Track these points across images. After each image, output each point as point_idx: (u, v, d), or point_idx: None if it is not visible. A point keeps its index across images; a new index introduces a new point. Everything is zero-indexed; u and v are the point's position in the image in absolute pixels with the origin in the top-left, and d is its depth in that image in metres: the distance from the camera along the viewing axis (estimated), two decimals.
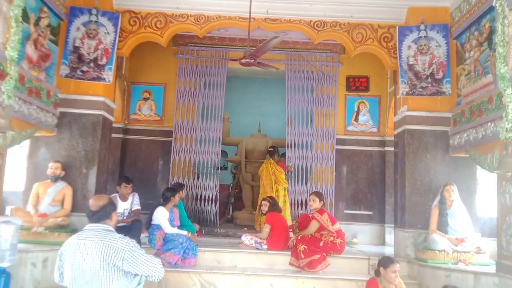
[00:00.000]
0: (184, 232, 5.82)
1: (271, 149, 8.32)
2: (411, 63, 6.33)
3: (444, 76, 6.24)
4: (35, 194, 5.85)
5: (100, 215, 2.82)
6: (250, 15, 5.36)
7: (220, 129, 8.44)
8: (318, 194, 6.18)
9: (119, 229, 3.19)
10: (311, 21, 6.67)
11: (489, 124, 5.19)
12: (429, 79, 6.27)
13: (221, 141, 8.46)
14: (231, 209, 9.62)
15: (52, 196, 5.80)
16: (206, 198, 8.20)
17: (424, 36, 6.34)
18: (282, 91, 8.85)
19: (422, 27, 6.36)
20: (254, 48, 5.39)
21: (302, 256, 5.65)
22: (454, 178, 6.06)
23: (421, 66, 6.30)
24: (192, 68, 8.44)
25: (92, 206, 2.83)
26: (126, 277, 2.79)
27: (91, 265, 2.66)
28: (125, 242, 2.73)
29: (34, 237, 5.43)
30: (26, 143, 6.13)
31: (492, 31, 5.36)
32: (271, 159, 8.10)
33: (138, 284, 4.61)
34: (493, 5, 5.16)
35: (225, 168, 10.62)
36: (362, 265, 5.97)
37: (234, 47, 8.33)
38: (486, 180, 7.06)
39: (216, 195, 8.22)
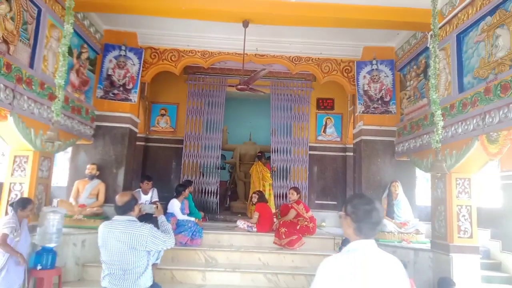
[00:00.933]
0: (192, 219, 5.83)
1: (259, 153, 8.37)
2: (366, 89, 6.43)
3: (390, 99, 6.35)
4: (76, 189, 5.82)
5: (124, 209, 2.80)
6: (244, 52, 5.42)
7: (220, 138, 8.44)
8: (296, 189, 6.24)
9: (141, 217, 3.18)
10: (290, 56, 6.74)
11: (424, 136, 5.29)
12: (379, 101, 6.37)
13: (220, 147, 8.46)
14: (228, 200, 9.62)
15: (89, 191, 5.78)
16: (209, 192, 8.18)
17: (376, 69, 6.46)
18: (268, 109, 8.88)
19: (374, 62, 6.48)
20: (247, 77, 5.44)
21: (283, 236, 5.69)
22: (398, 176, 6.15)
23: (373, 92, 6.41)
24: (199, 91, 8.44)
25: (118, 201, 2.81)
26: (147, 255, 2.81)
27: (120, 249, 2.67)
28: (146, 229, 2.75)
29: (75, 222, 5.41)
30: (69, 150, 6.12)
31: (426, 65, 5.48)
32: (259, 161, 8.14)
33: (157, 259, 4.65)
34: (428, 46, 5.33)
35: (224, 168, 10.60)
36: (329, 243, 6.01)
37: (231, 75, 8.35)
38: (422, 178, 7.20)
39: (217, 189, 8.21)
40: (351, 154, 7.85)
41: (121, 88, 6.18)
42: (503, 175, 6.28)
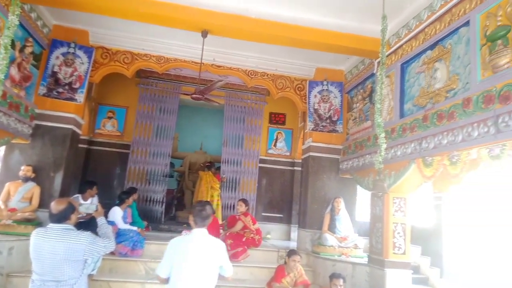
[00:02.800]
0: (135, 228, 5.58)
1: (209, 163, 8.27)
2: (316, 107, 6.67)
3: (338, 119, 6.64)
4: (6, 191, 5.30)
5: (60, 217, 2.61)
6: (201, 61, 5.35)
7: (170, 145, 8.21)
8: (245, 201, 6.23)
9: (79, 224, 2.96)
10: (246, 70, 6.81)
11: (367, 156, 5.58)
12: (328, 120, 6.64)
13: (170, 155, 8.23)
14: (174, 209, 9.36)
15: (22, 194, 5.28)
16: (155, 200, 7.88)
17: (326, 89, 6.73)
18: (220, 119, 8.87)
19: (325, 82, 6.75)
20: (203, 86, 5.39)
21: (229, 248, 5.62)
22: (341, 193, 6.40)
23: (323, 111, 6.66)
24: (151, 96, 8.17)
25: (53, 209, 2.62)
26: (83, 264, 2.64)
27: (54, 260, 2.48)
28: (84, 237, 2.59)
29: (3, 228, 4.91)
30: (2, 148, 5.58)
31: (372, 90, 5.83)
32: (209, 171, 8.04)
33: (93, 270, 4.36)
34: (374, 72, 5.69)
35: (172, 176, 10.33)
36: (273, 256, 6.05)
37: (186, 83, 8.22)
38: (362, 195, 7.56)
39: (163, 198, 7.95)
40: (299, 168, 8.04)
41: (66, 87, 5.80)
42: (434, 196, 6.79)
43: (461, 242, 5.93)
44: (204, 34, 5.19)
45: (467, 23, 3.81)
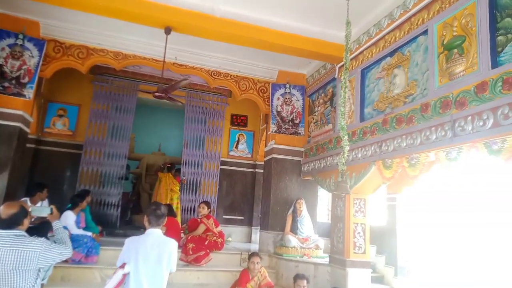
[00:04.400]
0: (89, 233, 5.22)
1: (169, 165, 8.01)
2: (279, 110, 6.70)
3: (300, 122, 6.72)
4: None
5: (10, 222, 2.36)
6: (164, 59, 5.15)
7: (127, 146, 7.81)
8: (207, 203, 6.08)
9: (30, 230, 2.69)
10: (209, 70, 6.69)
11: (328, 158, 5.69)
12: (290, 123, 6.69)
13: (126, 156, 7.84)
14: (130, 213, 8.93)
15: None
16: (110, 204, 7.44)
17: (289, 92, 6.79)
18: (179, 120, 8.64)
19: (287, 85, 6.81)
20: (166, 85, 5.19)
21: (191, 252, 5.47)
22: (303, 194, 6.47)
23: (285, 113, 6.70)
24: (106, 94, 7.72)
25: (3, 214, 2.36)
26: (37, 274, 2.39)
27: (3, 270, 2.22)
28: (38, 244, 2.36)
29: None
30: None
31: (333, 95, 5.97)
32: (169, 173, 7.78)
33: (43, 279, 3.99)
34: (335, 77, 5.83)
35: (127, 179, 9.88)
36: (236, 258, 5.98)
37: (145, 81, 7.87)
38: (323, 196, 7.70)
39: (118, 201, 7.53)
40: (261, 170, 8.04)
41: (13, 81, 5.32)
42: (388, 197, 7.07)
43: (414, 241, 6.22)
44: (168, 31, 5.01)
45: (425, 32, 4.01)
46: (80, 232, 5.12)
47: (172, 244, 2.83)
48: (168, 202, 7.04)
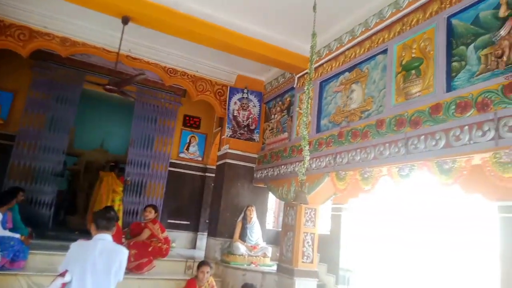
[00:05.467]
0: (17, 235, 4.65)
1: (113, 163, 7.49)
2: (235, 114, 6.59)
3: (255, 128, 6.67)
4: None
5: None
6: (119, 50, 4.80)
7: (66, 140, 7.17)
8: (154, 207, 5.75)
9: None
10: (165, 66, 6.38)
11: (282, 166, 5.68)
12: (246, 128, 6.61)
13: (65, 151, 7.18)
14: (64, 213, 8.22)
15: None
16: (42, 202, 6.74)
17: (246, 97, 6.72)
18: (127, 116, 8.17)
19: (245, 90, 6.74)
20: (119, 78, 4.83)
21: (132, 259, 5.09)
22: (254, 201, 6.41)
23: (241, 118, 6.61)
24: (47, 82, 7.01)
25: None
26: None
27: None
28: None
29: None
30: None
31: (290, 104, 6.00)
32: (112, 172, 7.27)
33: None
34: (294, 86, 5.87)
35: (62, 176, 9.10)
36: (180, 266, 5.74)
37: (92, 72, 7.27)
38: (272, 204, 7.70)
39: (52, 200, 6.84)
40: (211, 175, 7.84)
41: None
42: (333, 207, 7.27)
43: (356, 251, 6.42)
44: (125, 20, 4.67)
45: (385, 51, 4.17)
46: (7, 233, 4.54)
47: (123, 253, 2.67)
48: (109, 204, 6.55)
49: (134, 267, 5.06)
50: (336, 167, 4.47)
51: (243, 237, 6.00)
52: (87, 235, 6.31)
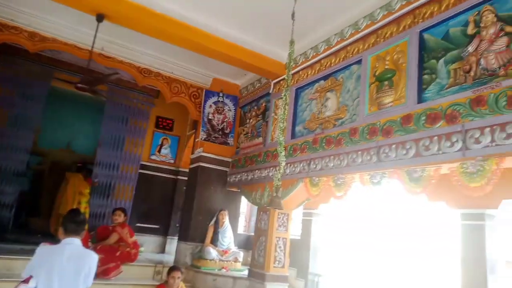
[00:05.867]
0: None
1: (80, 164, 7.21)
2: (210, 118, 6.53)
3: (230, 132, 6.64)
4: None
5: None
6: (92, 48, 4.62)
7: (31, 139, 6.81)
8: (124, 210, 5.59)
9: None
10: (139, 67, 6.22)
11: (256, 171, 5.68)
12: (220, 132, 6.56)
13: (30, 150, 6.82)
14: (25, 215, 7.79)
15: None
16: (2, 204, 6.31)
17: (221, 101, 6.68)
18: (96, 115, 7.89)
19: (221, 94, 6.69)
20: (91, 77, 4.65)
21: (99, 264, 4.86)
22: (227, 205, 6.36)
23: (216, 122, 6.56)
24: (12, 77, 6.63)
25: None
26: None
27: None
28: None
29: None
30: None
31: (266, 109, 6.02)
32: (79, 174, 6.98)
33: None
34: (270, 92, 5.90)
35: (25, 176, 8.63)
36: (149, 271, 5.58)
37: (61, 69, 6.96)
38: (244, 208, 7.67)
39: (13, 201, 6.46)
40: (183, 178, 7.71)
41: None
42: (304, 212, 7.35)
43: (326, 256, 6.51)
44: (100, 18, 4.52)
45: (359, 62, 4.28)
46: None
47: (92, 258, 2.54)
48: (75, 206, 6.30)
49: (100, 272, 4.85)
50: (310, 173, 4.52)
51: (214, 241, 5.93)
52: (50, 238, 6.09)
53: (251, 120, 6.37)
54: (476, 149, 2.78)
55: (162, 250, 7.72)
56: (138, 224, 7.58)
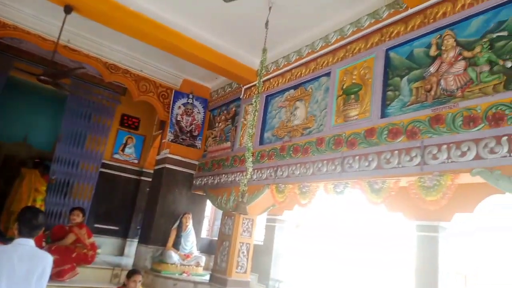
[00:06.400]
0: None
1: (38, 160, 6.83)
2: (178, 119, 6.44)
3: (198, 134, 6.58)
4: None
5: None
6: (58, 39, 4.43)
7: None
8: (82, 210, 5.35)
9: None
10: (107, 62, 6.04)
11: (223, 175, 5.66)
12: (188, 134, 6.49)
13: None
14: None
15: None
16: None
17: (191, 103, 6.61)
18: (56, 109, 7.53)
19: (190, 96, 6.63)
20: (55, 69, 4.44)
21: (53, 265, 4.64)
22: (191, 209, 6.28)
23: (185, 123, 6.48)
24: None
25: None
26: None
27: None
28: None
29: None
30: None
31: (235, 114, 6.03)
32: (36, 170, 6.61)
33: None
34: (240, 97, 5.92)
35: None
36: (106, 274, 5.37)
37: (21, 58, 6.58)
38: (208, 212, 7.58)
39: None
40: (147, 179, 7.54)
41: None
42: (268, 218, 7.40)
43: (288, 263, 6.58)
44: (68, 10, 4.34)
45: (328, 74, 4.40)
46: None
47: (47, 259, 2.41)
48: (30, 204, 5.96)
49: (54, 274, 4.61)
50: (277, 180, 4.57)
51: (176, 245, 5.83)
52: (2, 238, 5.70)
53: (220, 124, 6.35)
54: (433, 164, 2.94)
55: (121, 253, 7.47)
56: (97, 225, 7.29)
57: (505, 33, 2.84)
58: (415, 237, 3.90)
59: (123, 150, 7.82)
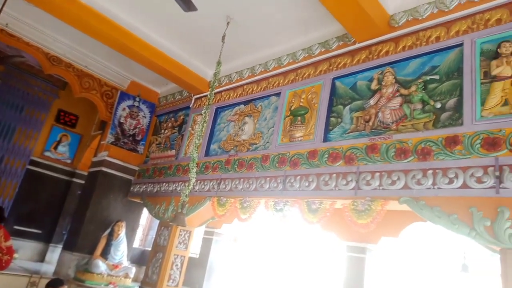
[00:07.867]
0: None
1: None
2: (121, 121, 6.19)
3: (142, 139, 6.37)
4: None
5: None
6: None
7: None
8: (1, 210, 4.84)
9: None
10: (49, 53, 5.66)
11: (163, 183, 5.52)
12: (131, 138, 6.25)
13: None
14: None
15: None
16: None
17: (137, 106, 6.40)
18: None
19: (137, 98, 6.42)
20: None
21: None
22: (125, 216, 6.00)
23: (128, 126, 6.24)
24: None
25: None
26: None
27: None
28: None
29: None
30: None
31: (183, 122, 5.95)
32: None
33: None
34: (190, 106, 5.87)
35: None
36: (23, 282, 4.93)
37: None
38: (144, 221, 7.30)
39: None
40: (80, 181, 7.07)
41: None
42: (206, 230, 7.31)
43: (223, 277, 6.53)
44: None
45: (278, 94, 4.56)
46: None
47: None
48: None
49: None
50: (219, 192, 4.57)
51: (105, 254, 5.50)
52: None
53: (166, 131, 6.21)
54: (366, 190, 3.16)
55: (42, 259, 6.87)
56: (16, 227, 6.67)
57: (437, 77, 3.19)
58: (344, 257, 4.13)
59: (55, 148, 7.29)
